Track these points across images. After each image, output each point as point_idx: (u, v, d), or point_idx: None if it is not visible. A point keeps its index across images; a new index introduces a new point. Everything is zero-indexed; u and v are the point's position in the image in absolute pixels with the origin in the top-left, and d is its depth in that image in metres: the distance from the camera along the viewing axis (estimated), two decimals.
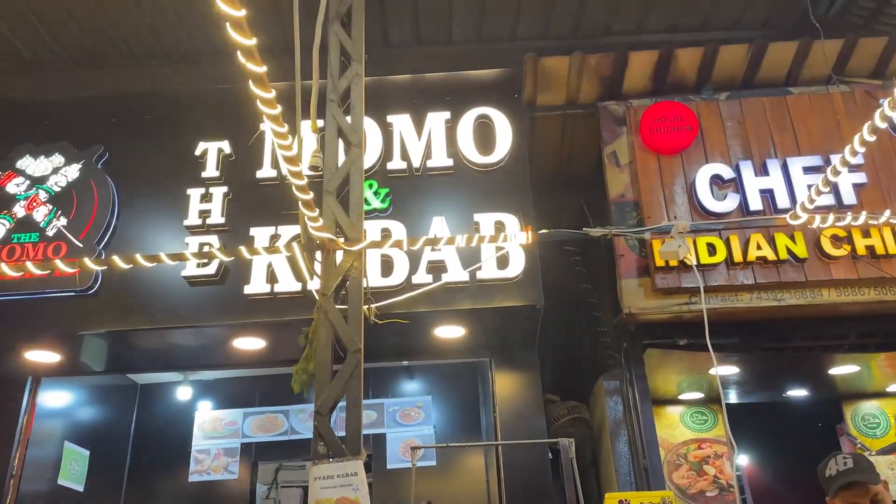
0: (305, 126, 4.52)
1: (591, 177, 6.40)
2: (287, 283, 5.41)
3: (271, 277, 5.45)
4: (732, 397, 7.28)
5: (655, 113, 5.87)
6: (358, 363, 3.78)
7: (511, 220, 5.55)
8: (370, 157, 5.74)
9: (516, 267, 5.39)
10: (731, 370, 6.51)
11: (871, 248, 5.31)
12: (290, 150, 3.26)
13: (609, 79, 6.06)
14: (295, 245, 4.22)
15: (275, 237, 5.59)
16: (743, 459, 8.08)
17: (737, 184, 5.65)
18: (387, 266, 5.41)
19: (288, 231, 5.57)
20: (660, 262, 5.29)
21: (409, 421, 7.20)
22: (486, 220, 5.56)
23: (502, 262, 5.39)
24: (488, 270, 5.38)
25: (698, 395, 7.11)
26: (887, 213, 4.46)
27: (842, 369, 6.60)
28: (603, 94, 6.16)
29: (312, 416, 3.73)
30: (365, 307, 4.05)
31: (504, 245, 5.26)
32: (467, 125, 5.92)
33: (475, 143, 5.86)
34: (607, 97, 6.14)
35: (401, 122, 5.97)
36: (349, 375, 3.75)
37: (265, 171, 5.87)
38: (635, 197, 5.73)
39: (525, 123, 6.17)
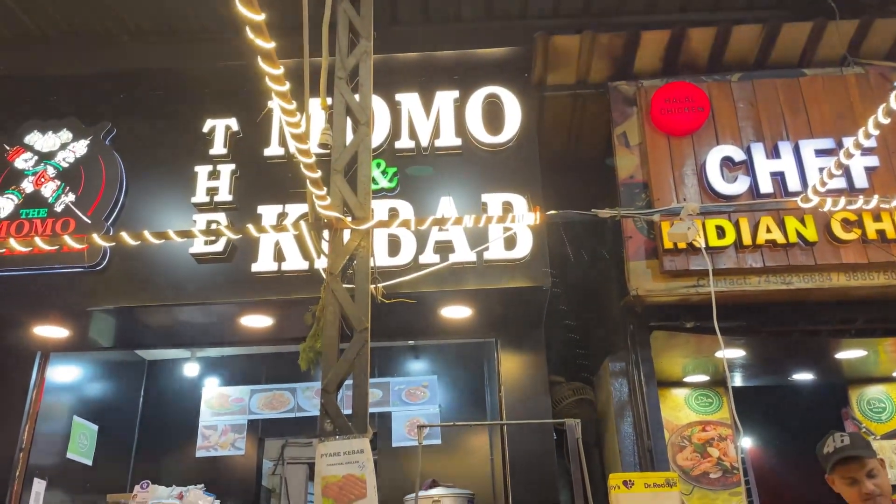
0: (314, 104, 4.49)
1: (601, 158, 6.36)
2: (294, 262, 5.41)
3: (279, 255, 5.45)
4: (738, 380, 7.28)
5: (666, 93, 5.81)
6: (365, 342, 3.79)
7: (519, 201, 5.52)
8: (378, 136, 5.71)
9: (524, 248, 5.38)
10: (737, 353, 6.50)
11: (881, 233, 5.27)
12: (299, 127, 3.24)
13: (620, 58, 5.99)
14: (302, 223, 4.22)
15: (282, 215, 5.59)
16: (747, 442, 8.10)
17: (747, 166, 5.60)
18: (394, 245, 5.40)
19: (295, 209, 5.56)
20: (668, 245, 5.27)
21: (415, 400, 7.25)
22: (494, 201, 5.54)
23: (510, 242, 5.38)
24: (496, 251, 5.36)
25: (704, 378, 7.12)
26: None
27: (849, 353, 6.58)
28: (614, 74, 6.09)
29: (319, 394, 3.75)
30: (372, 286, 4.05)
31: (512, 226, 5.25)
32: (476, 104, 5.87)
33: (484, 122, 5.82)
34: (618, 77, 6.08)
35: (409, 101, 5.93)
36: (356, 354, 3.76)
37: (273, 149, 5.85)
38: (645, 178, 5.69)
39: (534, 103, 6.11)
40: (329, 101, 4.39)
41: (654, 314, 5.58)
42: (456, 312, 5.77)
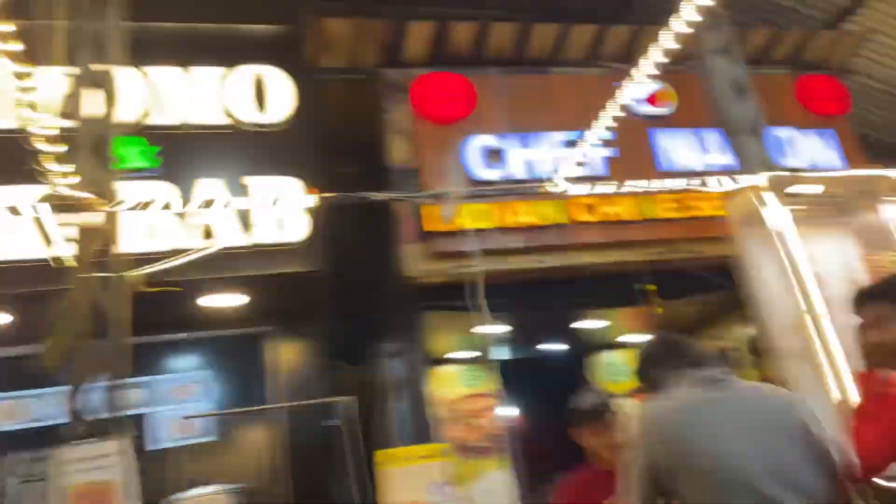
0: (54, 73, 4.00)
1: (376, 142, 6.45)
2: (34, 250, 4.78)
3: (15, 243, 4.79)
4: (502, 354, 7.85)
5: (432, 83, 6.06)
6: (122, 337, 3.48)
7: (292, 183, 5.42)
8: (135, 112, 5.25)
9: (299, 232, 5.30)
10: (501, 328, 7.01)
11: (616, 215, 6.00)
12: (34, 91, 2.86)
13: (389, 46, 6.12)
14: (42, 206, 3.74)
15: (19, 196, 4.90)
16: (511, 411, 8.76)
17: (504, 154, 6.04)
18: (155, 230, 5.02)
19: (34, 190, 4.90)
20: (436, 227, 5.51)
21: (185, 397, 6.81)
22: (266, 183, 5.37)
23: (283, 226, 5.26)
24: (269, 235, 5.22)
25: (473, 354, 7.57)
26: (630, 183, 5.04)
27: (590, 324, 7.43)
28: (384, 61, 6.21)
29: (68, 399, 3.38)
30: (131, 274, 3.73)
31: (285, 209, 5.14)
32: (243, 82, 5.63)
33: (254, 101, 5.60)
34: (388, 64, 6.20)
35: (168, 75, 5.51)
36: (112, 351, 3.45)
37: (4, 122, 5.10)
38: (414, 164, 5.89)
39: (308, 85, 6.01)
40: (73, 70, 3.93)
41: (427, 295, 5.81)
42: (228, 301, 5.54)
